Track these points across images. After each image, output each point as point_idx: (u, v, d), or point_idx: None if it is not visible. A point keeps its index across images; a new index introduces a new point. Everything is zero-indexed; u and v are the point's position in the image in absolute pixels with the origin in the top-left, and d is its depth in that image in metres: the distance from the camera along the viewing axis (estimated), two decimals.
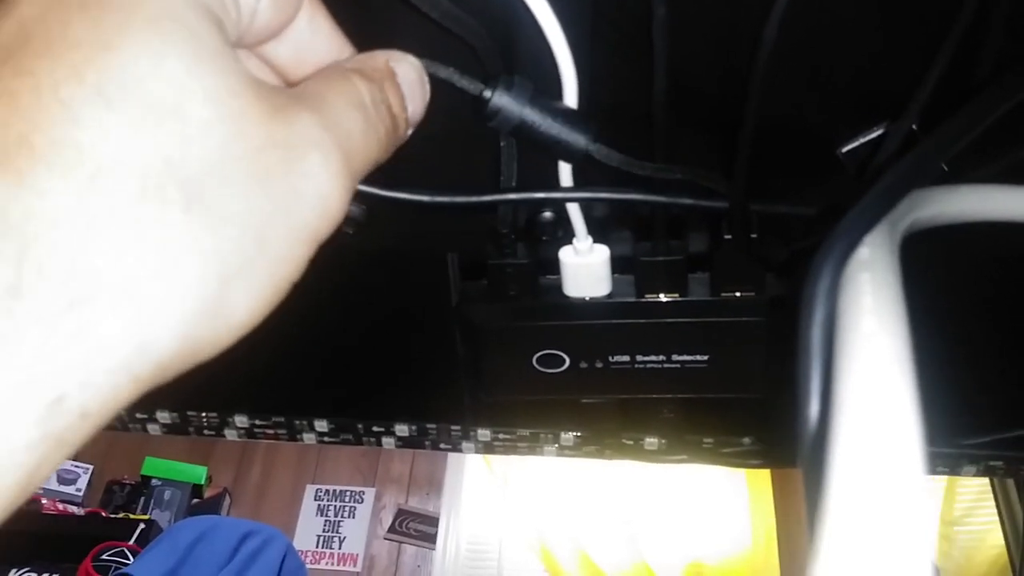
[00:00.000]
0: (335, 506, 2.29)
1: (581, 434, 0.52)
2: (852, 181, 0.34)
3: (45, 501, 2.07)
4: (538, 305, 0.38)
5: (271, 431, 0.53)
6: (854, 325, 0.17)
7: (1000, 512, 1.56)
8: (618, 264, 0.37)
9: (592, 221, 0.35)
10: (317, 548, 2.22)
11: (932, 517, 1.92)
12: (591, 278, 0.37)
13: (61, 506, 2.09)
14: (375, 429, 0.53)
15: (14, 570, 1.75)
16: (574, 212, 0.34)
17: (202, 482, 2.24)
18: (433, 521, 2.28)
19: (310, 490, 2.32)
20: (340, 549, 2.23)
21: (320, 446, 2.32)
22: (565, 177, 0.32)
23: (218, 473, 2.31)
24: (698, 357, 0.39)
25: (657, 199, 0.33)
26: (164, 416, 0.53)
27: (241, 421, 0.53)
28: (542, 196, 0.33)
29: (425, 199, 0.31)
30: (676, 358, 0.39)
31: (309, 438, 0.53)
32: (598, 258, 0.36)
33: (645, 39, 0.28)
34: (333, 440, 0.53)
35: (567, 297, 0.38)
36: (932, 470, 0.53)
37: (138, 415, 0.53)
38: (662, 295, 0.38)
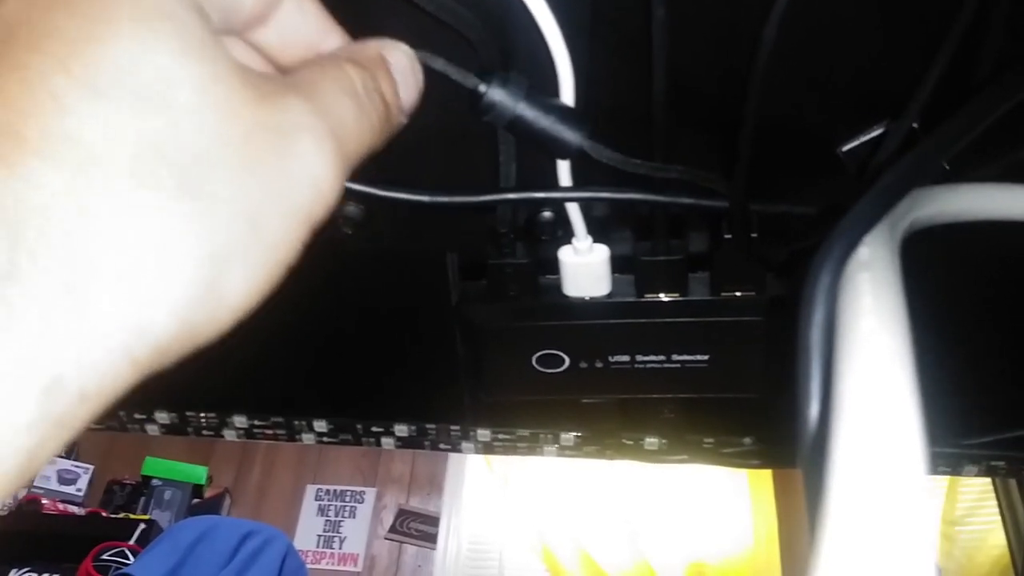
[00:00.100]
0: (336, 506, 2.29)
1: (581, 434, 0.52)
2: (852, 180, 0.34)
3: (45, 501, 2.07)
4: (538, 305, 0.38)
5: (270, 431, 0.53)
6: (854, 325, 0.16)
7: (1002, 512, 1.56)
8: (618, 264, 0.37)
9: (592, 221, 0.34)
10: (318, 548, 2.22)
11: (934, 517, 1.92)
12: (591, 278, 0.37)
13: (62, 506, 2.09)
14: (374, 429, 0.52)
15: (14, 570, 1.75)
16: (574, 212, 0.34)
17: (202, 482, 2.25)
18: (434, 521, 2.28)
19: (311, 490, 2.32)
20: (341, 549, 2.23)
21: (321, 446, 2.32)
22: (564, 177, 0.32)
23: (219, 473, 2.31)
24: (698, 357, 0.39)
25: (657, 199, 0.33)
26: (163, 416, 0.53)
27: (240, 421, 0.53)
28: (541, 196, 0.33)
29: (424, 199, 0.31)
30: (676, 358, 0.39)
31: (308, 438, 0.53)
32: (598, 258, 0.36)
33: (644, 39, 0.28)
34: (332, 440, 0.53)
35: (567, 297, 0.38)
36: (934, 470, 0.53)
37: (137, 415, 0.53)
38: (662, 295, 0.37)
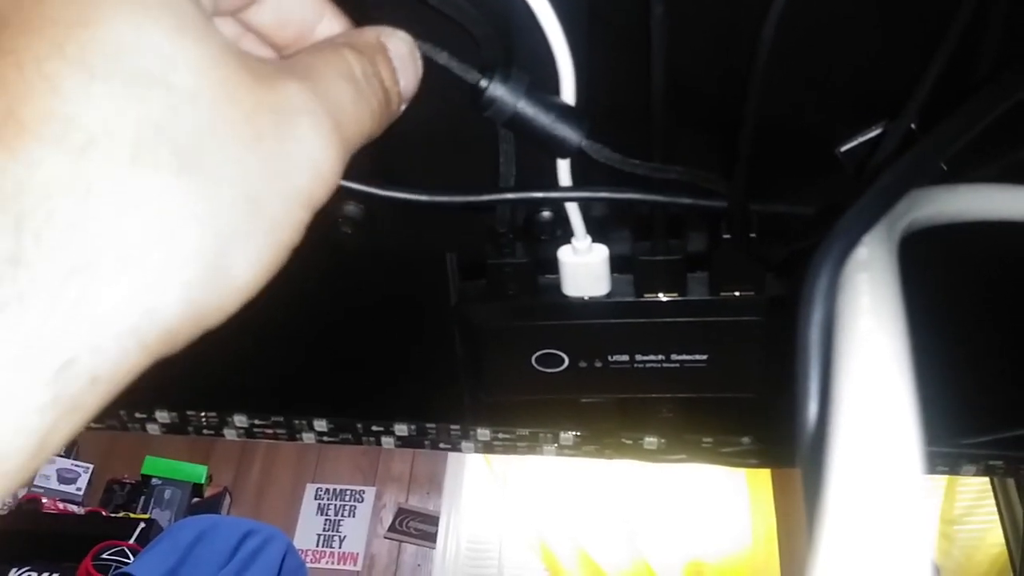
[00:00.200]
0: (335, 505, 2.29)
1: (580, 434, 0.52)
2: (851, 181, 0.34)
3: (45, 500, 2.07)
4: (537, 304, 0.38)
5: (270, 431, 0.53)
6: (852, 325, 0.17)
7: (1000, 511, 1.56)
8: (617, 263, 0.37)
9: (591, 220, 0.34)
10: (317, 547, 2.22)
11: (932, 516, 1.92)
12: (590, 277, 0.37)
13: (61, 505, 2.09)
14: (374, 429, 0.52)
15: (14, 569, 1.75)
16: (573, 211, 0.34)
17: (202, 481, 2.25)
18: (433, 520, 2.28)
19: (310, 489, 2.32)
20: (340, 548, 2.23)
21: (320, 445, 2.32)
22: (564, 176, 0.32)
23: (218, 472, 2.31)
24: (697, 356, 0.39)
25: (656, 198, 0.33)
26: (163, 416, 0.53)
27: (240, 421, 0.53)
28: (541, 195, 0.33)
29: (424, 198, 0.31)
30: (675, 357, 0.39)
31: (308, 438, 0.53)
32: (597, 257, 0.36)
33: (642, 39, 0.28)
34: (332, 440, 0.53)
35: (566, 297, 0.38)
36: (932, 470, 0.53)
37: (137, 415, 0.53)
38: (661, 294, 0.38)
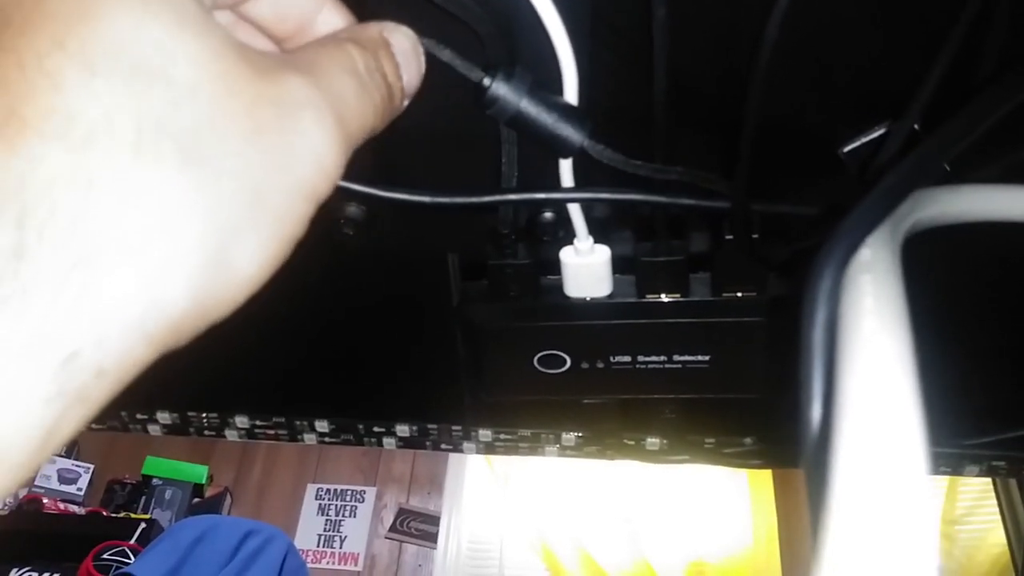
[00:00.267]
0: (336, 505, 2.29)
1: (582, 434, 0.52)
2: (853, 181, 0.34)
3: (46, 500, 2.07)
4: (539, 305, 0.38)
5: (271, 432, 0.53)
6: (856, 326, 0.16)
7: (1002, 511, 1.56)
8: (619, 264, 0.37)
9: (593, 221, 0.34)
10: (318, 547, 2.22)
11: (933, 516, 1.92)
12: (592, 278, 0.37)
13: (62, 505, 2.09)
14: (376, 429, 0.52)
15: (15, 569, 1.75)
16: (575, 212, 0.34)
17: (203, 481, 2.25)
18: (434, 520, 2.28)
19: (311, 489, 2.32)
20: (341, 548, 2.23)
21: (321, 446, 2.32)
22: (566, 177, 0.32)
23: (219, 472, 2.31)
24: (699, 357, 0.39)
25: (658, 199, 0.33)
26: (164, 416, 0.53)
27: (241, 422, 0.53)
28: (543, 196, 0.33)
29: (426, 200, 0.31)
30: (677, 358, 0.39)
31: (310, 438, 0.53)
32: (599, 258, 0.36)
33: (644, 40, 0.28)
34: (334, 441, 0.53)
35: (568, 297, 0.38)
36: (935, 470, 0.53)
37: (139, 416, 0.53)
38: (663, 295, 0.37)
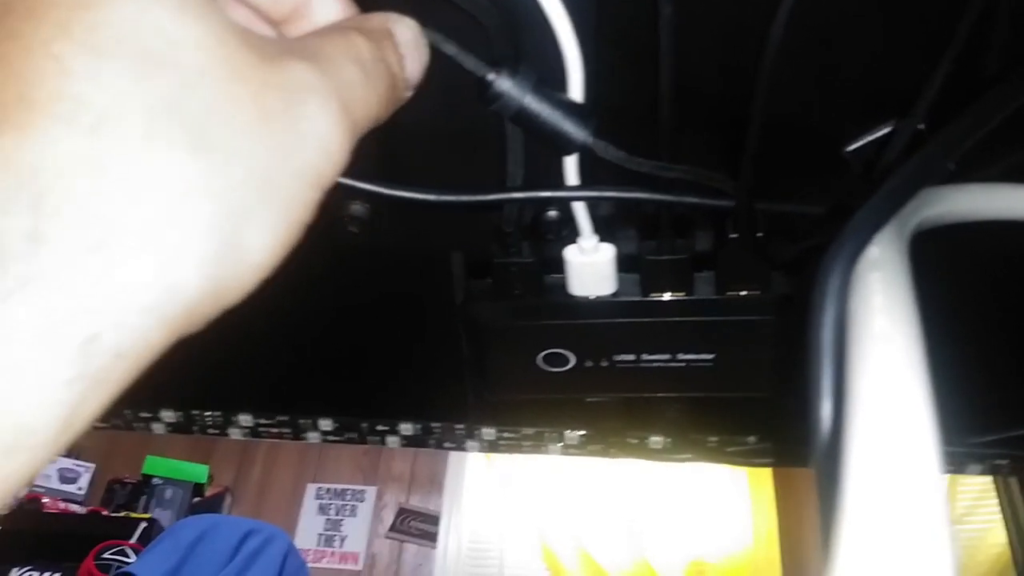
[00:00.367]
0: (336, 505, 2.29)
1: (586, 433, 0.52)
2: (857, 180, 0.34)
3: (46, 500, 2.07)
4: (543, 304, 0.38)
5: (275, 430, 0.53)
6: (866, 324, 0.16)
7: (1003, 510, 1.56)
8: (623, 263, 0.37)
9: (597, 220, 0.34)
10: (318, 547, 2.22)
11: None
12: (596, 277, 0.37)
13: (63, 505, 2.09)
14: (379, 428, 0.52)
15: (16, 569, 1.75)
16: (580, 211, 0.34)
17: (203, 481, 2.25)
18: (434, 520, 2.28)
19: (311, 489, 2.32)
20: (341, 548, 2.23)
21: (322, 445, 2.32)
22: (571, 175, 0.32)
23: (219, 472, 2.31)
24: (703, 356, 0.39)
25: (663, 198, 0.33)
26: (168, 415, 0.53)
27: (245, 420, 0.53)
28: (547, 195, 0.33)
29: (431, 198, 0.31)
30: (681, 357, 0.39)
31: (313, 437, 0.53)
32: (603, 257, 0.36)
33: (650, 38, 0.28)
34: (337, 439, 0.53)
35: (572, 296, 0.38)
36: None
37: (142, 414, 0.53)
38: (667, 294, 0.37)
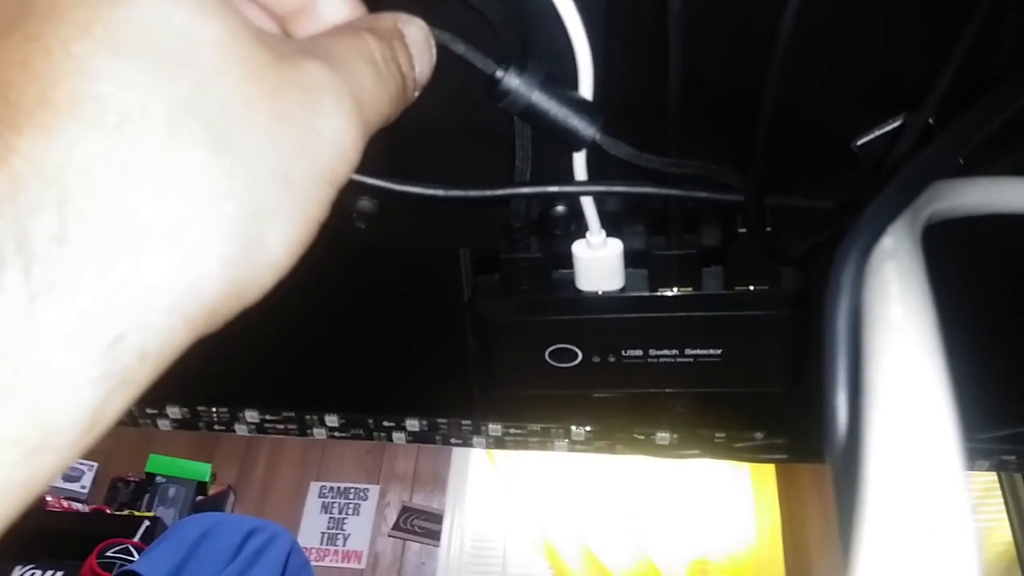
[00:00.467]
0: (339, 503, 2.29)
1: (592, 429, 0.52)
2: (866, 174, 0.34)
3: (50, 498, 2.07)
4: (551, 299, 0.38)
5: (281, 426, 0.53)
6: (883, 314, 0.16)
7: (1008, 507, 1.56)
8: (631, 258, 0.37)
9: (605, 215, 0.34)
10: (321, 545, 2.22)
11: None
12: (604, 272, 0.37)
13: (66, 503, 2.09)
14: (385, 424, 0.52)
15: (19, 567, 1.75)
16: (588, 206, 0.34)
17: (207, 479, 2.25)
18: (437, 518, 2.28)
19: (314, 487, 2.32)
20: (344, 546, 2.23)
21: (325, 443, 2.33)
22: (579, 170, 0.32)
23: (222, 470, 2.32)
24: (711, 351, 0.39)
25: (671, 192, 0.33)
26: (174, 411, 0.53)
27: (251, 416, 0.53)
28: (555, 190, 0.32)
29: (439, 193, 0.31)
30: (689, 352, 0.39)
31: (319, 433, 0.53)
32: (611, 252, 0.36)
33: (659, 33, 0.28)
34: (343, 435, 0.53)
35: (580, 291, 0.38)
36: None
37: (148, 410, 0.53)
38: (675, 289, 0.37)
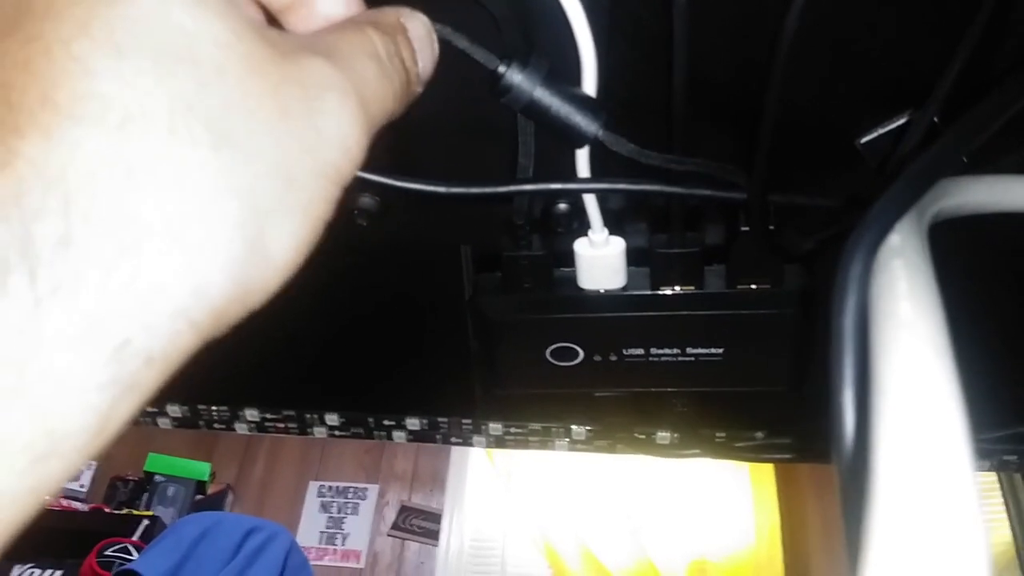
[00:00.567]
0: (338, 503, 2.29)
1: (593, 428, 0.52)
2: (871, 172, 0.33)
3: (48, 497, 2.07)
4: (552, 298, 0.38)
5: (281, 424, 0.53)
6: (891, 310, 0.16)
7: (1008, 507, 1.56)
8: (633, 256, 0.37)
9: (608, 213, 0.34)
10: (320, 544, 2.22)
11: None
12: (606, 270, 0.37)
13: (65, 502, 2.09)
14: (386, 423, 0.52)
15: (18, 566, 1.75)
16: (590, 203, 0.34)
17: (206, 478, 2.25)
18: (436, 518, 2.28)
19: (313, 486, 2.32)
20: (343, 546, 2.23)
21: (324, 442, 2.32)
22: (582, 168, 0.32)
23: (221, 469, 2.31)
24: (713, 350, 0.39)
25: (674, 190, 0.33)
26: (174, 409, 0.53)
27: (251, 414, 0.53)
28: (558, 187, 0.32)
29: (441, 189, 0.31)
30: (691, 351, 0.39)
31: (319, 431, 0.53)
32: (613, 250, 0.36)
33: (663, 30, 0.28)
34: (344, 434, 0.53)
35: (582, 290, 0.38)
36: None
37: (148, 408, 0.53)
38: (677, 287, 0.37)
